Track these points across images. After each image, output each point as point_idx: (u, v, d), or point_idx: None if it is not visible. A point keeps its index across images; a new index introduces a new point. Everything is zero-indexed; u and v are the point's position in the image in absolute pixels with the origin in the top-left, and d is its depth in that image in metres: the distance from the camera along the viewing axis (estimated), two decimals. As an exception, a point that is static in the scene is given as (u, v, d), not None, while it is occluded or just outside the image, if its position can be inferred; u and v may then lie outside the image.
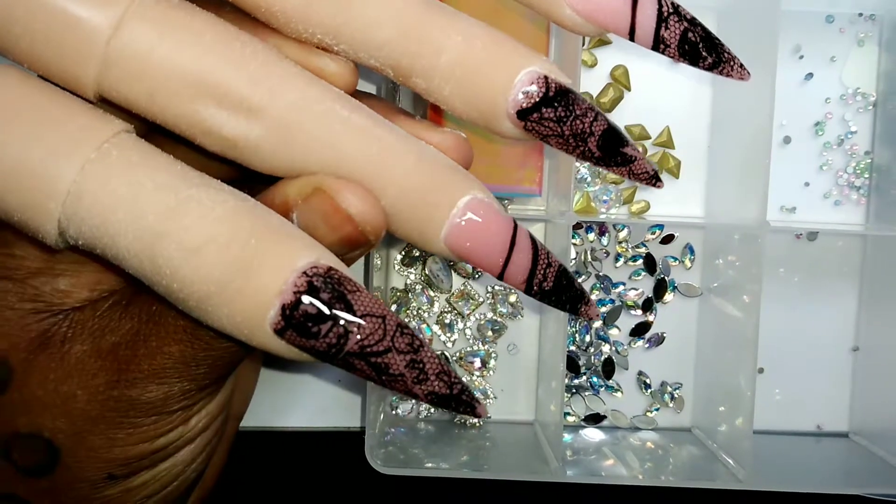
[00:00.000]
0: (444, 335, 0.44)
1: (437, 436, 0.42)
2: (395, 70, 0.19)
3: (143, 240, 0.18)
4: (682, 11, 0.20)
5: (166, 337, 0.21)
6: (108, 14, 0.17)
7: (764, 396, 0.44)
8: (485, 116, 0.20)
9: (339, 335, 0.18)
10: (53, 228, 0.18)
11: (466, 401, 0.19)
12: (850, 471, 0.42)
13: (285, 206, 0.19)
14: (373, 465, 0.37)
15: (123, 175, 0.18)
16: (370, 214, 0.19)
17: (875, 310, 0.45)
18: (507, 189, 0.41)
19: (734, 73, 0.21)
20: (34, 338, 0.21)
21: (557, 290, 0.21)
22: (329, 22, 0.19)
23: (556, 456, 0.39)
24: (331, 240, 0.19)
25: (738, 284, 0.41)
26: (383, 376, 0.18)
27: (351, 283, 0.18)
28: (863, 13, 0.44)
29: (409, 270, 0.44)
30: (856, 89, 0.44)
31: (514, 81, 0.19)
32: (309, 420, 0.44)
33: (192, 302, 0.18)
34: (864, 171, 0.45)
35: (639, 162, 0.20)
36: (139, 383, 0.21)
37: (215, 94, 0.18)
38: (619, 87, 0.44)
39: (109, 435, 0.21)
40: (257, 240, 0.18)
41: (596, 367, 0.45)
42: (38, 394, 0.21)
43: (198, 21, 0.18)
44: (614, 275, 0.45)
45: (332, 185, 0.19)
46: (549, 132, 0.20)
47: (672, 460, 0.42)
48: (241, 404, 0.29)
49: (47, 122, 0.18)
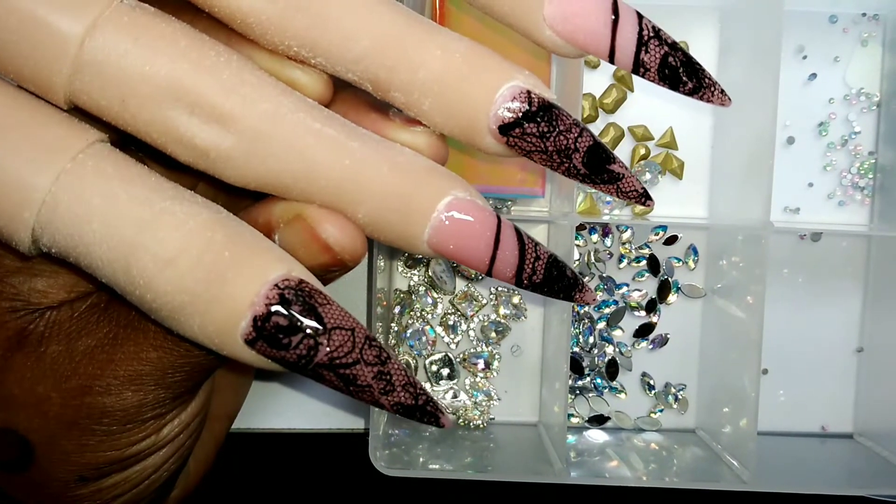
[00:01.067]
0: (447, 337, 0.44)
1: (440, 437, 0.42)
2: (374, 84, 0.19)
3: (117, 250, 0.18)
4: (663, 35, 0.20)
5: (144, 342, 0.21)
6: (81, 19, 0.17)
7: (768, 397, 0.44)
8: (466, 132, 0.19)
9: (309, 347, 0.18)
10: (27, 237, 0.18)
11: (431, 411, 0.19)
12: (855, 472, 0.42)
13: (268, 226, 0.20)
14: (377, 467, 0.37)
15: (98, 186, 0.18)
16: (348, 242, 0.19)
17: (879, 310, 0.44)
18: (510, 190, 0.41)
19: (714, 98, 0.20)
20: (11, 336, 0.21)
21: (549, 281, 0.20)
22: (305, 34, 0.19)
23: (560, 457, 0.38)
24: (309, 264, 0.19)
25: (741, 285, 0.41)
26: (351, 387, 0.18)
27: (321, 295, 0.18)
28: (866, 13, 0.44)
29: (413, 272, 0.44)
30: (859, 89, 0.44)
31: (495, 96, 0.19)
32: (313, 422, 0.44)
33: (165, 312, 0.18)
34: (868, 171, 0.45)
35: (627, 179, 0.20)
36: (114, 389, 0.21)
37: (188, 100, 0.18)
38: (622, 87, 0.44)
39: (82, 441, 0.21)
40: (230, 252, 0.18)
41: (600, 369, 0.45)
42: (14, 392, 0.21)
43: (171, 29, 0.18)
44: (618, 276, 0.45)
45: (312, 215, 0.19)
46: (532, 148, 0.19)
47: (676, 462, 0.42)
48: (232, 404, 0.30)
49: (22, 130, 0.18)
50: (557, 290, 0.21)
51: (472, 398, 0.44)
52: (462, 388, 0.44)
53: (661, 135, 0.44)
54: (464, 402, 0.44)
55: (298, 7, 0.18)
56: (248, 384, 0.31)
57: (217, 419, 0.28)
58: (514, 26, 0.20)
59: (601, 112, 0.44)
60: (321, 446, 0.43)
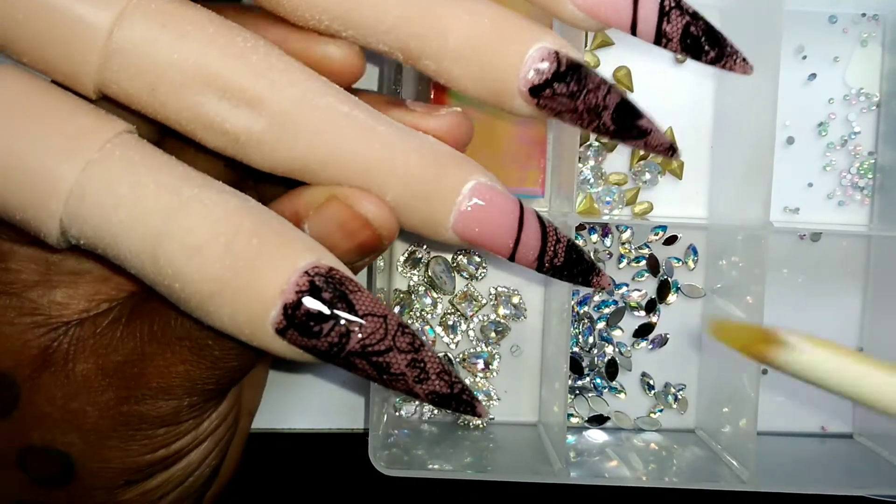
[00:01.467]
0: (447, 336, 0.44)
1: (440, 437, 0.42)
2: (405, 53, 0.19)
3: (145, 240, 0.18)
4: (684, 5, 0.20)
5: (172, 357, 0.21)
6: (109, 8, 0.17)
7: (768, 397, 0.44)
8: (496, 95, 0.19)
9: (340, 334, 0.18)
10: (55, 228, 0.18)
11: (467, 400, 0.19)
12: (855, 472, 0.42)
13: (296, 216, 0.19)
14: (376, 467, 0.37)
15: (125, 175, 0.18)
16: (385, 219, 0.19)
17: (879, 310, 0.44)
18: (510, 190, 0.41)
19: (737, 66, 0.20)
20: (36, 355, 0.21)
21: (569, 264, 0.21)
22: (336, 7, 0.19)
23: (560, 457, 0.38)
24: (346, 247, 0.19)
25: (741, 285, 0.41)
26: (385, 375, 0.18)
27: (352, 282, 0.18)
28: (866, 13, 0.44)
29: (413, 272, 0.44)
30: (859, 90, 0.44)
31: (524, 58, 0.19)
32: (312, 422, 0.44)
33: (194, 302, 0.18)
34: (867, 171, 0.45)
35: (654, 134, 0.20)
36: (148, 399, 0.21)
37: (217, 85, 0.18)
38: (621, 87, 0.44)
39: (123, 447, 0.21)
40: (259, 240, 0.18)
41: (599, 369, 0.45)
42: (47, 410, 0.21)
43: (199, 16, 0.18)
44: (617, 276, 0.45)
45: (346, 193, 0.19)
46: (563, 108, 0.19)
47: (676, 461, 0.42)
48: (253, 399, 0.30)
49: (49, 121, 0.18)
50: (577, 274, 0.21)
51: (471, 398, 0.44)
52: (462, 388, 0.44)
53: (660, 135, 0.44)
54: (463, 402, 0.44)
55: None
56: (265, 379, 0.31)
57: (241, 415, 0.28)
58: (536, 1, 0.20)
59: (601, 112, 0.44)
60: (321, 446, 0.43)
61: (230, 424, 0.24)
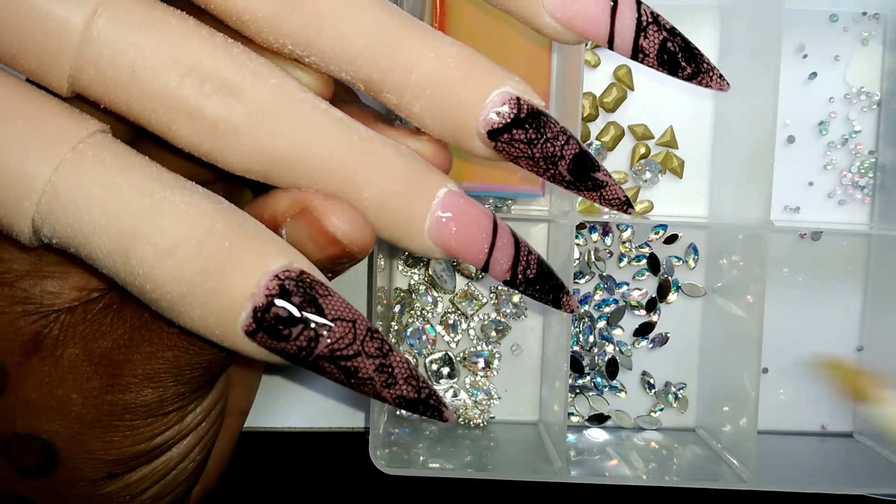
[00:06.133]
0: (447, 336, 0.44)
1: (440, 436, 0.42)
2: (366, 84, 0.19)
3: (117, 240, 0.18)
4: (662, 21, 0.20)
5: (160, 343, 0.21)
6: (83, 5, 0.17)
7: (768, 396, 0.44)
8: (455, 135, 0.20)
9: (309, 338, 0.18)
10: (27, 227, 0.18)
11: (434, 405, 0.19)
12: (855, 471, 0.42)
13: (274, 221, 0.19)
14: (377, 466, 0.37)
15: (98, 175, 0.18)
16: (356, 234, 0.19)
17: (879, 309, 0.44)
18: (510, 189, 0.41)
19: (713, 83, 0.20)
20: (26, 341, 0.21)
21: (540, 278, 0.21)
22: (300, 33, 0.19)
23: (560, 456, 0.39)
24: (318, 257, 0.19)
25: (741, 284, 0.41)
26: (352, 379, 0.18)
27: (322, 286, 0.18)
28: (866, 12, 0.44)
29: (413, 271, 0.44)
30: (860, 88, 0.44)
31: (485, 101, 0.19)
32: (313, 421, 0.44)
33: (165, 303, 0.18)
34: (868, 170, 0.45)
35: (610, 188, 0.20)
36: (133, 387, 0.21)
37: (198, 72, 0.18)
38: (622, 86, 0.44)
39: (106, 438, 0.21)
40: (230, 242, 0.18)
41: (600, 368, 0.45)
42: (33, 397, 0.21)
43: (177, 12, 0.18)
44: (618, 275, 0.45)
45: (318, 207, 0.19)
46: (520, 154, 0.19)
47: (676, 460, 0.42)
48: (244, 400, 0.30)
49: (23, 120, 0.18)
50: (548, 290, 0.21)
51: (472, 397, 0.44)
52: (462, 386, 0.44)
53: (661, 134, 0.44)
54: (464, 401, 0.44)
55: (294, 6, 0.18)
56: (258, 380, 0.31)
57: (231, 415, 0.28)
58: (514, 13, 0.20)
59: (601, 111, 0.44)
60: (321, 445, 0.43)
61: (214, 420, 0.24)
